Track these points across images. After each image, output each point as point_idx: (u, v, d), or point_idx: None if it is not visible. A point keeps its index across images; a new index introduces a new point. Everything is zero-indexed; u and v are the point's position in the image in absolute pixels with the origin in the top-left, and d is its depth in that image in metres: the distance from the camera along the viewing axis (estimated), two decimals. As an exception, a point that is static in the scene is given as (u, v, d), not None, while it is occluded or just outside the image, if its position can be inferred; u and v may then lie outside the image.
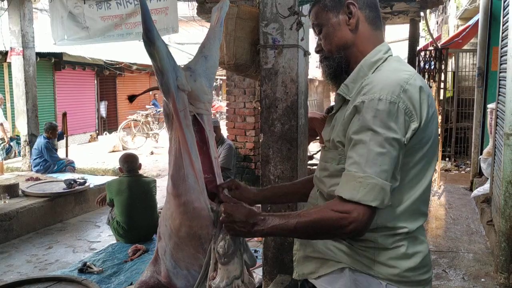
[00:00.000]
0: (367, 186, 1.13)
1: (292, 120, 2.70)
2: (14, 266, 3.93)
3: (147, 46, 1.49)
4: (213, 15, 1.84)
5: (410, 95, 1.16)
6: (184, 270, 1.85)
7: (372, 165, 1.13)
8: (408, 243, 1.24)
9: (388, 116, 1.14)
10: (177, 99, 1.59)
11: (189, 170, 1.60)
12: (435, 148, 1.27)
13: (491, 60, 5.92)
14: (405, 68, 1.26)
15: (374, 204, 1.12)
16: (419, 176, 1.24)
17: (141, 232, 4.09)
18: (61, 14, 6.18)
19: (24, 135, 6.92)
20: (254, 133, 6.19)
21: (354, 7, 1.31)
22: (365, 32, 1.33)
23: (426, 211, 1.32)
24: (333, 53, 1.35)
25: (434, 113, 1.24)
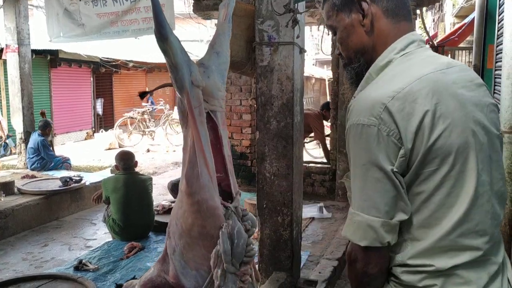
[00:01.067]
0: (354, 224, 1.02)
1: (287, 118, 2.71)
2: (9, 264, 3.92)
3: (160, 42, 1.48)
4: (221, 11, 1.84)
5: (395, 111, 0.97)
6: (193, 270, 1.82)
7: (358, 201, 1.02)
8: (443, 283, 1.01)
9: (368, 143, 0.98)
10: (192, 95, 1.57)
11: (203, 168, 1.58)
12: (466, 163, 1.00)
13: (486, 57, 5.94)
14: (410, 71, 1.04)
15: (362, 244, 1.01)
16: (446, 205, 1.00)
17: (137, 229, 4.09)
18: (57, 11, 6.15)
19: (19, 133, 6.89)
20: (250, 131, 6.19)
21: (366, 3, 1.11)
22: (385, 29, 1.12)
23: (477, 244, 1.02)
24: (351, 59, 1.18)
25: (452, 116, 0.99)
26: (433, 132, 0.97)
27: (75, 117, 11.94)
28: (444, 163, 0.99)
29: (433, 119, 0.98)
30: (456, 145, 0.99)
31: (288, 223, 2.77)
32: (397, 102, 0.98)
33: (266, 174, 2.78)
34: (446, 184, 0.99)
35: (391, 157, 0.98)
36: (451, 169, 0.99)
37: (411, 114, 0.97)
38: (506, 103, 3.23)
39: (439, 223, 1.01)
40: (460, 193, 1.00)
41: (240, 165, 6.32)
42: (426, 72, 1.03)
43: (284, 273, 2.77)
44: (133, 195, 4.04)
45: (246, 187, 6.21)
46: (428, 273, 1.02)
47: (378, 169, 0.98)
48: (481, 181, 1.01)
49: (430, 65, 1.05)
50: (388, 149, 0.98)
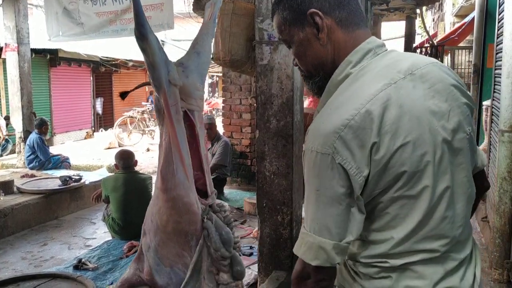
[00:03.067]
0: (306, 245, 1.04)
1: (287, 117, 2.70)
2: (9, 263, 3.91)
3: (139, 40, 1.49)
4: (207, 11, 1.84)
5: (348, 139, 0.97)
6: (167, 267, 1.83)
7: (312, 223, 1.03)
8: (398, 276, 1.06)
9: (322, 171, 0.99)
10: (169, 93, 1.58)
11: (179, 165, 1.60)
12: (417, 180, 1.01)
13: (486, 57, 5.94)
14: (362, 91, 1.01)
15: (313, 263, 1.02)
16: (400, 215, 1.03)
17: (137, 228, 4.04)
18: (56, 10, 6.14)
19: (19, 132, 6.89)
20: (250, 130, 6.18)
21: (319, 17, 1.07)
22: (341, 40, 1.09)
23: (433, 247, 1.04)
24: (311, 73, 1.15)
25: (410, 132, 0.99)
26: (386, 154, 0.98)
27: (75, 116, 11.94)
28: (398, 180, 1.00)
29: (381, 149, 0.97)
30: (408, 165, 0.99)
31: (288, 222, 2.77)
32: (350, 131, 0.97)
33: (266, 173, 2.78)
34: (400, 197, 1.02)
35: (344, 183, 0.98)
36: (404, 185, 1.01)
37: (362, 142, 0.97)
38: (506, 102, 3.24)
39: (393, 230, 1.04)
40: (414, 206, 1.02)
41: (239, 164, 6.31)
42: (377, 90, 1.00)
43: (284, 272, 2.76)
44: (133, 194, 4.03)
45: (245, 186, 6.21)
46: (383, 268, 1.06)
47: (330, 195, 0.99)
48: (438, 191, 1.03)
49: (385, 78, 1.02)
50: (341, 176, 0.98)
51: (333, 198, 0.99)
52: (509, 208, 3.22)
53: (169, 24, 5.56)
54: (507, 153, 3.20)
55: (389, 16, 5.91)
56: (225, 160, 5.38)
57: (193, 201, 1.63)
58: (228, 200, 5.39)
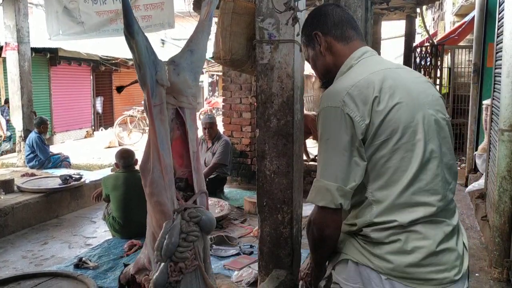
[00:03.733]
0: (315, 189, 1.27)
1: (288, 116, 2.70)
2: (9, 261, 3.92)
3: (127, 40, 1.51)
4: (203, 9, 1.85)
5: (353, 95, 1.24)
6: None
7: (321, 170, 1.26)
8: (406, 238, 1.24)
9: (332, 121, 1.24)
10: (154, 93, 1.59)
11: (156, 164, 1.61)
12: (414, 134, 1.25)
13: (486, 56, 5.94)
14: (366, 68, 1.33)
15: (320, 204, 1.25)
16: (401, 167, 1.24)
17: (137, 227, 4.09)
18: (56, 9, 6.14)
19: (19, 131, 6.89)
20: (250, 129, 6.18)
21: (319, 37, 1.45)
22: (340, 50, 1.44)
23: (430, 201, 1.26)
24: (322, 79, 1.53)
25: (400, 99, 1.25)
26: (383, 110, 1.23)
27: (75, 115, 11.94)
28: (394, 133, 1.24)
29: (383, 101, 1.24)
30: (403, 120, 1.24)
31: (288, 221, 2.77)
32: (356, 89, 1.25)
33: (266, 172, 2.78)
34: (398, 151, 1.24)
35: (350, 132, 1.22)
36: (400, 138, 1.24)
37: (366, 98, 1.24)
38: (506, 101, 3.24)
39: (395, 185, 1.25)
40: (411, 158, 1.24)
41: (240, 163, 6.32)
42: (379, 68, 1.33)
43: (284, 270, 2.77)
44: (133, 193, 4.03)
45: (246, 185, 6.21)
46: (393, 229, 1.24)
47: (338, 143, 1.22)
48: (429, 149, 1.26)
49: (383, 65, 1.36)
50: (348, 125, 1.22)
51: (341, 146, 1.22)
52: (509, 207, 3.22)
53: (170, 23, 5.55)
54: (507, 152, 3.21)
55: (389, 15, 5.90)
56: (226, 159, 5.38)
57: (164, 201, 1.65)
58: (228, 199, 5.40)
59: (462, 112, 8.53)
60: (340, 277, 1.34)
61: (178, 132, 1.70)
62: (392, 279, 1.23)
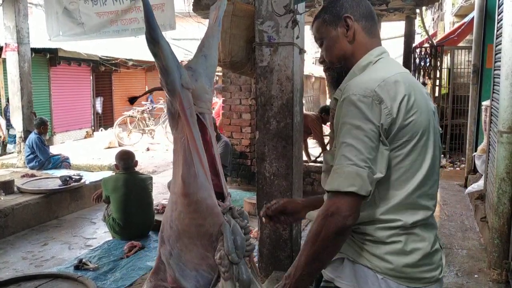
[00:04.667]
0: (343, 175, 1.19)
1: (287, 118, 2.72)
2: (9, 263, 3.93)
3: (151, 45, 1.49)
4: (211, 14, 1.84)
5: (383, 89, 1.24)
6: (193, 271, 1.83)
7: (348, 155, 1.20)
8: (406, 239, 1.27)
9: (361, 108, 1.22)
10: (183, 97, 1.59)
11: (199, 167, 1.61)
12: (426, 139, 1.29)
13: (486, 57, 5.95)
14: (389, 68, 1.34)
15: (350, 189, 1.16)
16: (412, 169, 1.27)
17: (137, 229, 4.10)
18: (56, 10, 6.14)
19: (19, 131, 6.90)
20: (250, 130, 6.19)
21: (351, 20, 1.41)
22: (362, 41, 1.43)
23: (429, 205, 1.32)
24: (334, 63, 1.47)
25: (420, 104, 1.28)
26: (409, 112, 1.25)
27: (75, 116, 11.93)
28: (415, 135, 1.26)
29: (409, 102, 1.26)
30: (423, 124, 1.28)
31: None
32: (387, 84, 1.26)
33: (266, 174, 2.79)
34: (414, 152, 1.27)
35: (379, 122, 1.21)
36: (418, 141, 1.27)
37: (394, 95, 1.25)
38: (504, 103, 3.24)
39: (405, 185, 1.27)
40: (423, 161, 1.29)
41: (239, 164, 6.33)
42: (400, 70, 1.35)
43: (283, 272, 2.77)
44: (133, 195, 4.04)
45: (245, 186, 6.22)
46: (396, 229, 1.27)
47: (370, 130, 1.21)
48: (435, 154, 1.33)
49: (401, 68, 1.38)
50: (377, 115, 1.22)
51: (370, 134, 1.21)
52: (508, 209, 3.23)
53: (171, 25, 5.55)
54: (506, 154, 3.21)
55: (389, 16, 5.91)
56: (226, 160, 5.39)
57: (215, 202, 1.64)
58: (228, 200, 5.40)
59: (461, 113, 8.54)
60: (333, 275, 1.36)
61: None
62: (388, 278, 1.27)
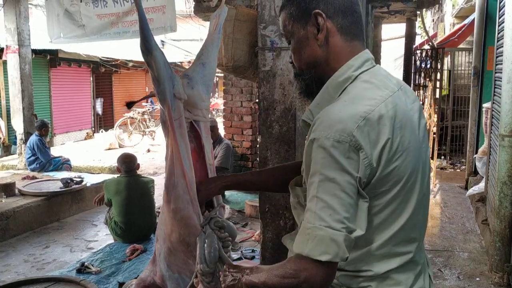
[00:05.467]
0: (315, 239, 0.98)
1: (290, 122, 2.72)
2: (11, 265, 3.93)
3: (145, 55, 1.51)
4: (212, 21, 1.85)
5: (363, 132, 1.00)
6: (176, 273, 1.87)
7: (321, 214, 0.98)
8: (377, 284, 1.11)
9: (335, 156, 0.99)
10: (173, 107, 1.60)
11: (180, 178, 1.61)
12: (412, 184, 1.09)
13: (486, 59, 5.96)
14: (372, 92, 1.08)
15: (323, 258, 0.97)
16: (389, 219, 1.09)
17: (139, 232, 4.10)
18: (57, 12, 6.15)
19: (20, 133, 6.91)
20: (251, 132, 6.19)
21: (322, 18, 1.12)
22: (338, 45, 1.14)
23: (408, 250, 1.13)
24: (303, 70, 1.20)
25: (407, 142, 1.06)
26: (392, 158, 1.04)
27: (75, 117, 11.93)
28: (396, 185, 1.06)
29: (392, 147, 1.04)
30: (408, 170, 1.07)
31: (290, 227, 2.78)
32: (368, 124, 1.01)
33: (268, 178, 2.79)
34: (394, 202, 1.08)
35: (356, 173, 1.00)
36: (401, 190, 1.07)
37: (376, 139, 1.02)
38: (506, 107, 3.25)
39: (379, 234, 1.09)
40: (403, 210, 1.10)
41: (240, 167, 6.33)
42: (387, 95, 1.08)
43: (286, 276, 2.78)
44: (135, 198, 4.05)
45: (246, 188, 6.22)
46: (366, 277, 1.10)
47: (345, 185, 0.99)
48: (420, 198, 1.12)
49: (388, 87, 1.11)
50: (355, 165, 1.00)
51: (348, 188, 0.99)
52: (509, 212, 3.24)
53: (172, 27, 5.55)
54: (508, 157, 3.22)
55: (390, 18, 5.92)
56: (227, 163, 5.40)
57: (191, 214, 1.64)
58: (229, 202, 5.41)
59: (461, 114, 8.55)
60: None
61: (192, 145, 1.71)
62: None
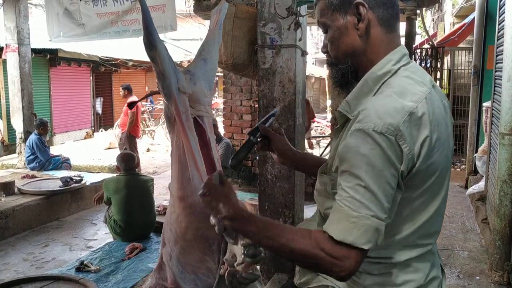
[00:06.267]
0: (362, 228, 1.00)
1: (289, 120, 2.71)
2: (10, 264, 3.93)
3: (148, 50, 1.50)
4: (212, 18, 1.84)
5: (408, 127, 1.03)
6: (191, 274, 1.85)
7: (368, 204, 1.01)
8: (398, 271, 1.14)
9: (383, 148, 1.01)
10: (179, 101, 1.59)
11: (194, 171, 1.61)
12: (442, 179, 1.13)
13: (486, 58, 5.95)
14: (414, 87, 1.09)
15: (367, 246, 1.01)
16: (418, 210, 1.12)
17: (139, 230, 4.10)
18: (57, 11, 6.14)
19: (19, 132, 6.90)
20: (251, 131, 6.18)
21: (364, 8, 1.12)
22: (378, 37, 1.14)
23: (428, 242, 1.17)
24: (339, 60, 1.20)
25: (442, 139, 1.09)
26: (430, 153, 1.06)
27: (75, 116, 11.92)
28: (429, 178, 1.09)
29: (431, 143, 1.06)
30: (441, 166, 1.11)
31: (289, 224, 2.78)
32: (411, 121, 1.03)
33: (268, 176, 2.79)
34: (425, 195, 1.11)
35: (399, 167, 1.03)
36: (432, 184, 1.10)
37: (417, 135, 1.04)
38: (506, 105, 3.25)
39: (406, 225, 1.12)
40: (431, 203, 1.13)
41: (240, 165, 6.32)
42: (426, 92, 1.10)
43: (285, 274, 2.78)
44: (135, 196, 4.04)
45: (246, 187, 6.21)
46: (385, 264, 1.14)
47: (391, 176, 1.02)
48: (445, 193, 1.17)
49: (426, 84, 1.13)
50: (399, 159, 1.03)
51: (392, 180, 1.02)
52: (510, 211, 3.23)
53: (172, 26, 5.54)
54: (508, 156, 3.21)
55: (390, 17, 5.92)
56: (227, 162, 5.38)
57: None
58: (229, 201, 5.40)
59: (462, 113, 8.54)
60: None
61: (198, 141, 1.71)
62: None
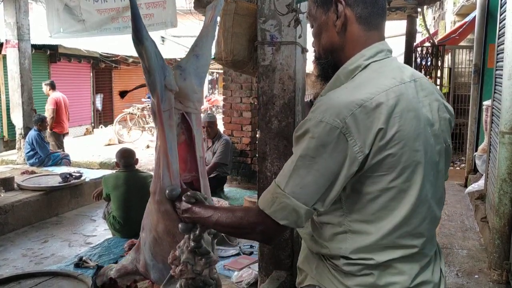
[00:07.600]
0: (280, 204, 1.08)
1: (289, 117, 2.71)
2: (9, 260, 3.93)
3: (136, 45, 1.50)
4: (207, 13, 1.83)
5: (357, 120, 1.03)
6: (160, 263, 1.90)
7: (292, 185, 1.07)
8: (380, 272, 1.12)
9: (326, 141, 1.03)
10: (163, 99, 1.59)
11: (165, 171, 1.60)
12: (410, 175, 1.09)
13: (487, 57, 5.94)
14: (379, 81, 1.10)
15: (282, 222, 1.09)
16: (388, 208, 1.10)
17: (137, 226, 4.03)
18: (57, 6, 6.13)
19: (19, 128, 6.90)
20: (251, 128, 6.18)
21: (341, 5, 1.15)
22: (355, 34, 1.17)
23: (413, 244, 1.14)
24: (321, 55, 1.24)
25: (406, 135, 1.06)
26: (385, 147, 1.05)
27: (75, 113, 11.90)
28: (390, 172, 1.07)
29: (385, 137, 1.04)
30: (404, 159, 1.07)
31: (288, 222, 2.78)
32: (364, 111, 1.03)
33: (267, 173, 2.79)
34: (390, 190, 1.09)
35: (341, 160, 1.04)
36: (397, 177, 1.08)
37: (371, 124, 1.04)
38: (507, 104, 3.24)
39: (380, 223, 1.11)
40: (403, 200, 1.10)
41: (240, 163, 6.32)
42: (392, 85, 1.09)
43: (284, 272, 2.78)
44: (134, 193, 4.04)
45: (246, 185, 6.22)
46: (367, 265, 1.13)
47: (324, 167, 1.04)
48: (424, 192, 1.12)
49: (396, 77, 1.12)
50: (342, 152, 1.04)
51: (327, 170, 1.05)
52: (509, 210, 3.23)
53: (172, 22, 5.52)
54: (508, 154, 3.21)
55: (390, 15, 5.90)
56: (226, 159, 5.39)
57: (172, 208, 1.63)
58: (228, 198, 5.40)
59: (462, 112, 8.53)
60: None
61: (183, 137, 1.70)
62: None
